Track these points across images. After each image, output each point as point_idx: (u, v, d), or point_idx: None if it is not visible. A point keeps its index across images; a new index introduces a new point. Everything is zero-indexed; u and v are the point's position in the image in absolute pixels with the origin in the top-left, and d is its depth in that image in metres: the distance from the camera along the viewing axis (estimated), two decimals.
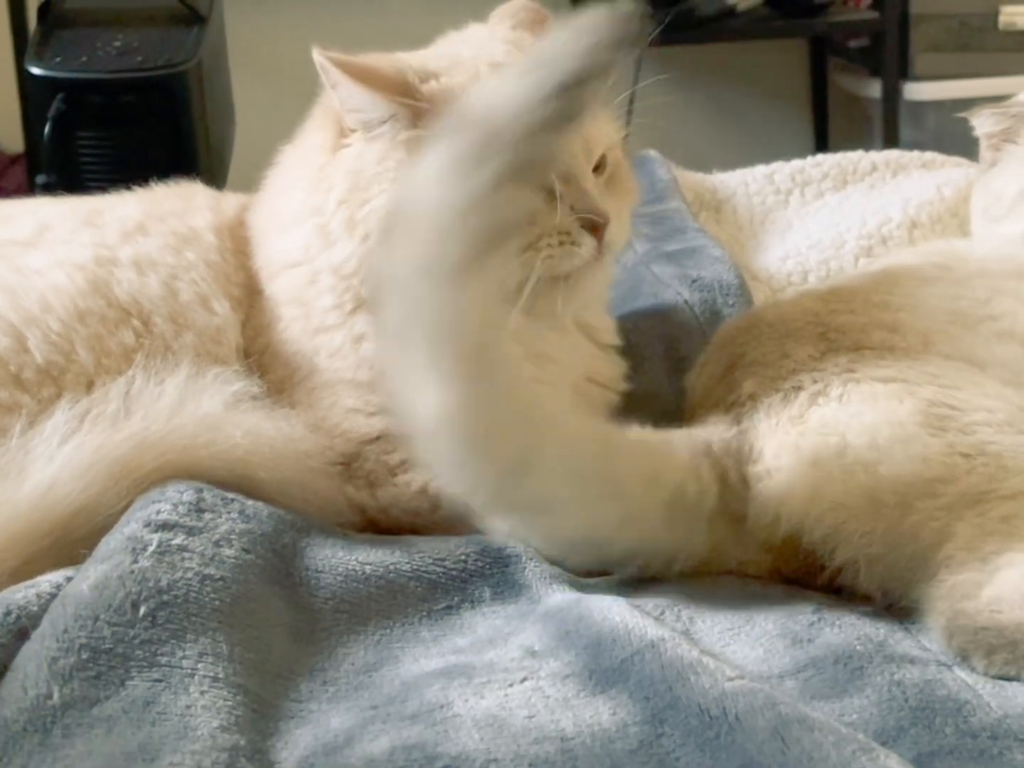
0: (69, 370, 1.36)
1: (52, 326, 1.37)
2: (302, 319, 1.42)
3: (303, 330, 1.42)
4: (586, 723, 1.04)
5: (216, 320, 1.42)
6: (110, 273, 1.41)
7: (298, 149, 1.47)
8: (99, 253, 1.43)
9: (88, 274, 1.40)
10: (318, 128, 1.43)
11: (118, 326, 1.39)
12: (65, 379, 1.35)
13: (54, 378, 1.35)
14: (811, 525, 1.21)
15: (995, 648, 1.10)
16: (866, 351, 1.30)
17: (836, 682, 1.07)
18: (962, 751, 0.99)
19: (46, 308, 1.38)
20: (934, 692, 1.04)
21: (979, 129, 1.64)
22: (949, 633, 1.13)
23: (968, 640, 1.11)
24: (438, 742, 1.02)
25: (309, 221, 1.41)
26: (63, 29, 2.59)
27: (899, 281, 1.43)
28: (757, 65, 3.95)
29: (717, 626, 1.17)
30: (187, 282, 1.42)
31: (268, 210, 1.48)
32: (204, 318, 1.41)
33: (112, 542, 1.17)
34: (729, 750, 0.99)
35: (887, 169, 2.03)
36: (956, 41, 3.56)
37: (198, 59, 2.51)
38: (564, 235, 1.36)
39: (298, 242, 1.42)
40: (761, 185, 2.01)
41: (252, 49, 3.37)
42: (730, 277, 1.71)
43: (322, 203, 1.39)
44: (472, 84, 1.36)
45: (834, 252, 1.82)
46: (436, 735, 1.02)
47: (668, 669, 1.05)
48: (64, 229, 1.45)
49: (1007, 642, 1.10)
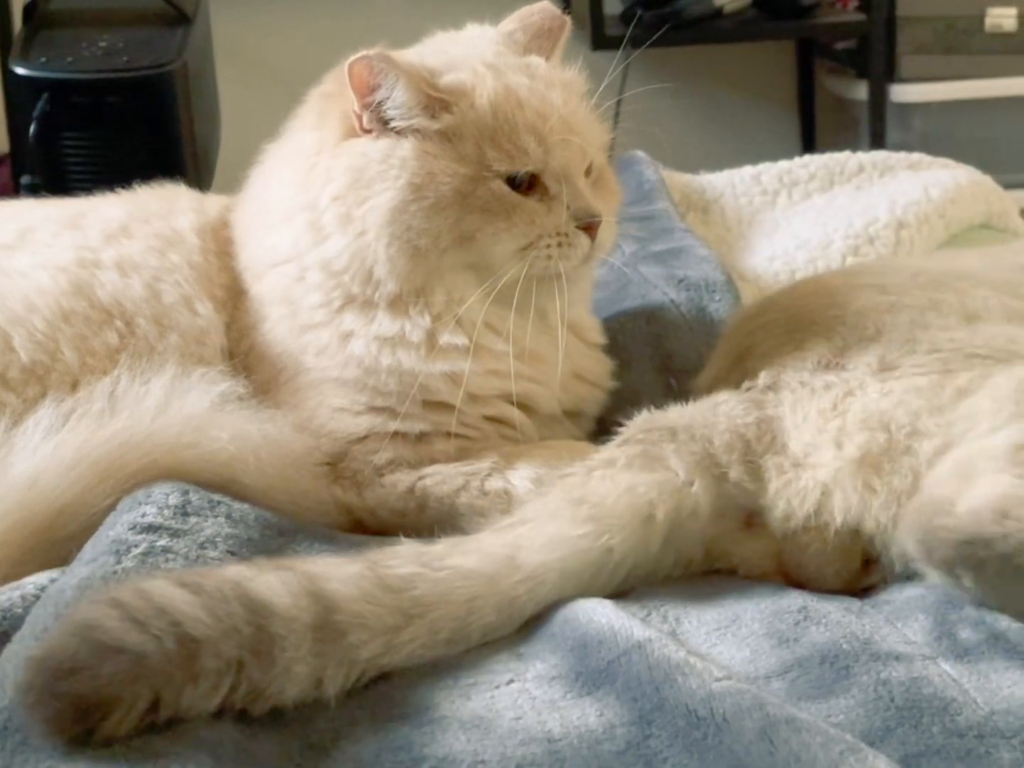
0: (54, 369, 1.36)
1: (37, 325, 1.37)
2: (288, 318, 1.42)
3: (289, 329, 1.41)
4: (573, 724, 1.04)
5: (200, 322, 1.42)
6: (92, 275, 1.41)
7: (286, 148, 1.46)
8: (82, 255, 1.43)
9: (71, 276, 1.41)
10: (312, 128, 1.42)
11: (102, 327, 1.38)
12: (50, 378, 1.35)
13: (39, 377, 1.35)
14: (874, 515, 1.21)
15: (984, 561, 1.11)
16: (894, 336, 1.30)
17: (822, 682, 1.07)
18: (949, 751, 0.99)
19: (30, 308, 1.37)
20: (920, 690, 1.04)
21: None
22: (927, 548, 1.14)
23: (951, 553, 1.13)
24: (424, 743, 1.02)
25: (299, 217, 1.40)
26: (48, 29, 2.58)
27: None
28: (744, 67, 3.95)
29: (704, 627, 1.16)
30: (170, 284, 1.42)
31: (253, 209, 1.47)
32: (188, 319, 1.41)
33: (97, 544, 1.17)
34: (717, 751, 0.99)
35: (874, 170, 2.03)
36: (942, 43, 3.57)
37: (184, 60, 2.50)
38: (562, 236, 1.37)
39: (286, 239, 1.41)
40: (748, 186, 2.02)
41: (238, 50, 3.37)
42: (716, 275, 1.71)
43: (315, 199, 1.38)
44: (475, 81, 1.38)
45: (821, 252, 1.82)
46: (422, 736, 1.02)
47: (655, 670, 1.05)
48: (47, 232, 1.45)
49: (996, 555, 1.11)
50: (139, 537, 1.16)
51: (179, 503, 1.21)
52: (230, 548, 1.18)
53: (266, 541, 1.23)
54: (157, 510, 1.20)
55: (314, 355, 1.40)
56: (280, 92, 1.53)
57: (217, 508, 1.23)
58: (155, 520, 1.18)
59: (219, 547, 1.18)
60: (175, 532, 1.18)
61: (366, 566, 1.10)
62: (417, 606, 1.09)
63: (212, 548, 1.17)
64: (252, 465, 1.29)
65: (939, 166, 2.05)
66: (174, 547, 1.16)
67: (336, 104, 1.40)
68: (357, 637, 1.05)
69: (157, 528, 1.17)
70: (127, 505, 1.21)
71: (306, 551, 1.24)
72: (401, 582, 1.09)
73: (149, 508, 1.20)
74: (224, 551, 1.18)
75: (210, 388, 1.32)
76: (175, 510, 1.20)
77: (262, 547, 1.21)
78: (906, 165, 2.04)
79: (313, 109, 1.44)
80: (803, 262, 1.82)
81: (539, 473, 1.35)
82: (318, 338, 1.40)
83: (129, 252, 1.44)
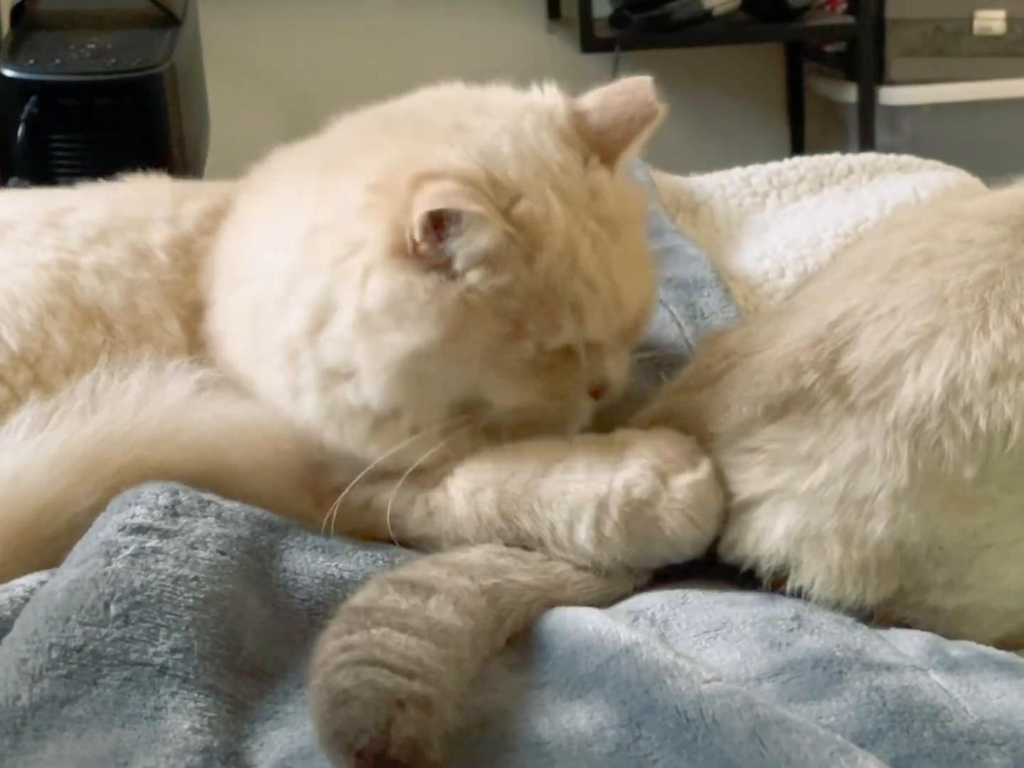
0: (46, 356, 1.34)
1: (24, 316, 1.35)
2: (250, 344, 1.33)
3: (246, 356, 1.34)
4: (562, 727, 1.04)
5: (169, 339, 1.38)
6: (73, 278, 1.39)
7: (309, 218, 1.28)
8: (62, 257, 1.40)
9: (53, 274, 1.39)
10: (356, 216, 1.24)
11: (85, 325, 1.37)
12: (43, 365, 1.33)
13: (30, 364, 1.33)
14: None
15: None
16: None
17: (814, 685, 1.07)
18: (940, 755, 0.99)
19: (15, 302, 1.36)
20: (911, 697, 1.04)
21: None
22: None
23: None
24: None
25: (304, 298, 1.26)
26: (36, 31, 2.59)
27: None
28: (734, 69, 3.96)
29: (692, 629, 1.16)
30: (144, 298, 1.39)
31: (248, 257, 1.34)
32: (159, 334, 1.38)
33: (87, 546, 1.16)
34: (707, 752, 0.98)
35: (863, 172, 2.03)
36: (931, 46, 3.58)
37: (172, 62, 2.51)
38: (566, 401, 1.28)
39: (287, 310, 1.27)
40: (738, 188, 2.02)
41: (227, 52, 3.37)
42: (705, 272, 1.71)
43: (335, 296, 1.24)
44: (546, 225, 1.22)
45: (811, 250, 1.82)
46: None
47: (644, 672, 1.05)
48: (26, 230, 1.43)
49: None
50: (129, 538, 1.15)
51: (169, 503, 1.21)
52: (220, 548, 1.18)
53: (256, 538, 1.22)
54: (147, 511, 1.19)
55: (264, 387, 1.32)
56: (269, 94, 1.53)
57: (207, 508, 1.22)
58: (144, 521, 1.18)
59: (209, 547, 1.17)
60: (165, 533, 1.17)
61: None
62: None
63: (202, 548, 1.17)
64: (239, 441, 1.28)
65: (928, 168, 2.04)
66: (164, 548, 1.15)
67: (386, 207, 1.22)
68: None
69: (147, 529, 1.17)
70: (116, 506, 1.21)
71: (299, 546, 1.24)
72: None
73: (138, 509, 1.19)
74: (214, 551, 1.17)
75: (187, 377, 1.31)
76: (165, 511, 1.20)
77: (253, 545, 1.21)
78: (896, 167, 2.04)
79: (355, 194, 1.25)
80: (792, 259, 1.82)
81: (475, 485, 1.27)
82: (271, 378, 1.30)
83: (106, 260, 1.41)
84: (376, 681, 1.01)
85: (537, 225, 1.21)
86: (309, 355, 1.26)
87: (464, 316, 1.20)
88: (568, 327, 1.24)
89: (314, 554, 1.24)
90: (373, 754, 0.96)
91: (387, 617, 1.09)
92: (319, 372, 1.26)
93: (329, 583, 1.20)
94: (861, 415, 1.18)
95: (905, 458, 1.16)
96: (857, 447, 1.18)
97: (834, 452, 1.18)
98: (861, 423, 1.18)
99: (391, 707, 0.98)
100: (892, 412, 1.16)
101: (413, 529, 1.28)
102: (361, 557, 1.25)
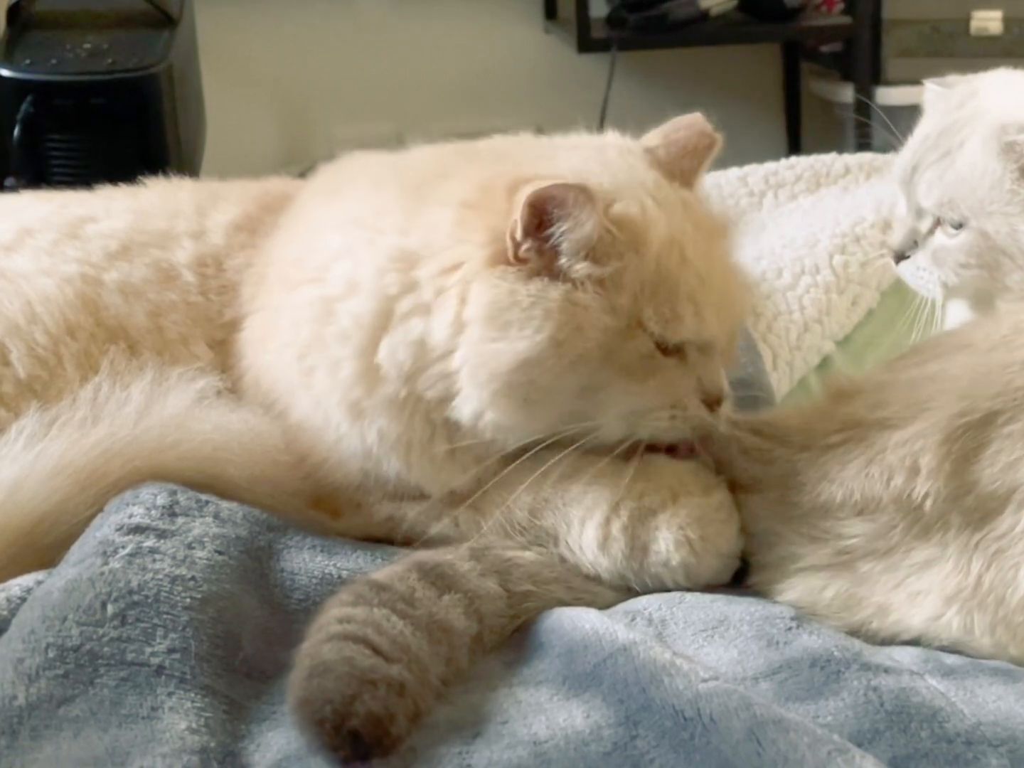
0: (52, 385, 1.32)
1: (38, 339, 1.32)
2: (297, 358, 1.30)
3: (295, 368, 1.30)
4: (559, 726, 1.04)
5: (197, 363, 1.34)
6: (98, 295, 1.36)
7: (388, 239, 1.26)
8: (85, 271, 1.37)
9: (77, 289, 1.35)
10: (447, 234, 1.23)
11: (106, 345, 1.33)
12: (48, 393, 1.31)
13: (36, 392, 1.31)
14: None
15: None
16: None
17: (812, 685, 1.07)
18: (937, 755, 0.99)
19: (32, 319, 1.33)
20: (909, 698, 1.04)
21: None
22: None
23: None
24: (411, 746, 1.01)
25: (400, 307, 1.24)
26: (33, 31, 2.59)
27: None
28: (730, 69, 3.96)
29: (690, 628, 1.16)
30: (171, 322, 1.36)
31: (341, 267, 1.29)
32: (188, 358, 1.35)
33: (84, 546, 1.16)
34: (704, 751, 0.98)
35: (860, 172, 2.04)
36: (928, 46, 3.58)
37: (169, 62, 2.51)
38: (682, 408, 1.25)
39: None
40: (735, 187, 2.02)
41: (223, 52, 3.37)
42: None
43: (433, 312, 1.22)
44: (646, 220, 1.23)
45: (808, 251, 1.82)
46: (410, 741, 1.02)
47: (641, 671, 1.05)
48: (46, 238, 1.39)
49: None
50: (126, 538, 1.15)
51: (167, 503, 1.21)
52: (218, 548, 1.18)
53: (254, 538, 1.22)
54: (144, 511, 1.19)
55: (312, 406, 1.29)
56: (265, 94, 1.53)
57: (205, 508, 1.22)
58: (142, 521, 1.18)
59: (207, 547, 1.17)
60: (162, 533, 1.17)
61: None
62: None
63: (200, 548, 1.17)
64: (237, 454, 1.27)
65: None
66: (161, 548, 1.15)
67: (483, 217, 1.21)
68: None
69: (144, 529, 1.17)
70: (114, 506, 1.21)
71: (297, 546, 1.24)
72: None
73: (136, 509, 1.19)
74: (212, 551, 1.17)
75: (189, 386, 1.30)
76: (163, 511, 1.20)
77: (251, 544, 1.21)
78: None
79: (447, 213, 1.24)
80: (790, 259, 1.82)
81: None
82: (326, 394, 1.28)
83: (130, 278, 1.37)
84: (355, 659, 1.03)
85: (636, 223, 1.22)
86: (393, 375, 1.24)
87: (572, 315, 1.19)
88: (689, 319, 1.22)
89: (312, 553, 1.24)
90: (333, 724, 0.99)
91: (395, 600, 1.10)
92: (400, 395, 1.24)
93: (327, 582, 1.20)
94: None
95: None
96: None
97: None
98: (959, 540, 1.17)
99: (361, 684, 1.01)
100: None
101: (432, 535, 1.28)
102: (359, 556, 1.25)
